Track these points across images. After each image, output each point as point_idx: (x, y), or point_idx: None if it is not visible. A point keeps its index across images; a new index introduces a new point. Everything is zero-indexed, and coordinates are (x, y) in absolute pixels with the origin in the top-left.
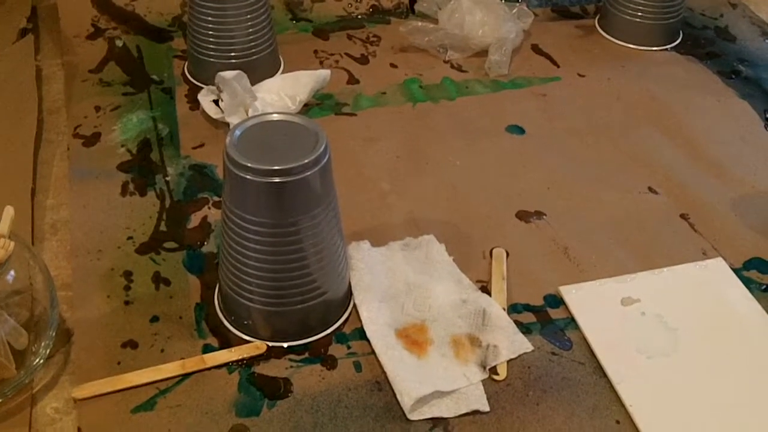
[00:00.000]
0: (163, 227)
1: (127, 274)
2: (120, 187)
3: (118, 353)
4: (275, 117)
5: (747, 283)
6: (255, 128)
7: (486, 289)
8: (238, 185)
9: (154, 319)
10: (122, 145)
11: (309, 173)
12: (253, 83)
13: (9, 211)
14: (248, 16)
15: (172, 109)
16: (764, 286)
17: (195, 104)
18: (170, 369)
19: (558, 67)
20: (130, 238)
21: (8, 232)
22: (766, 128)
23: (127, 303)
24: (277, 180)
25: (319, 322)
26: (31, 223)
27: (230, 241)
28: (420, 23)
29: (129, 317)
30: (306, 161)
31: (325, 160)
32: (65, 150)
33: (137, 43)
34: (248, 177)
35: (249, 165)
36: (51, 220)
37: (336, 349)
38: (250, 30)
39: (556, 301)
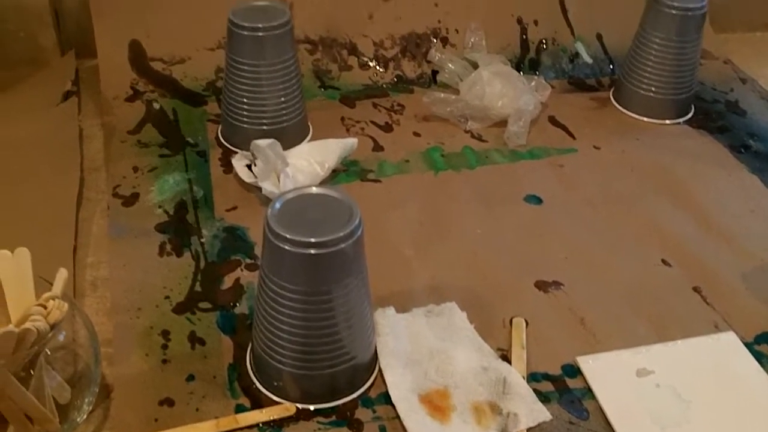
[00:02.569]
0: (198, 287)
1: (165, 333)
2: (158, 247)
3: (155, 410)
4: (313, 190)
5: (758, 357)
6: (294, 200)
7: (506, 357)
8: (276, 254)
9: (190, 377)
10: (159, 206)
11: (343, 245)
12: (283, 149)
13: (63, 273)
14: (281, 85)
15: (206, 171)
16: None
17: (228, 167)
18: (205, 428)
19: (574, 138)
20: (167, 297)
21: (62, 293)
22: None
23: (164, 361)
24: (313, 252)
25: (347, 385)
26: (73, 280)
27: (265, 305)
28: (442, 94)
29: (166, 375)
30: (341, 234)
31: (359, 233)
32: (105, 208)
33: (173, 106)
34: (286, 247)
35: (287, 236)
36: (91, 277)
37: (362, 413)
38: (282, 98)
39: (574, 370)
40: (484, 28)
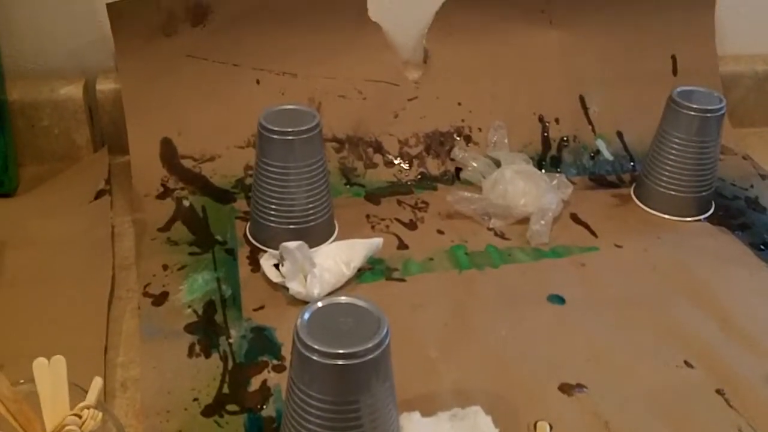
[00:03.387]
0: (225, 389)
1: None
2: (187, 348)
3: None
4: (342, 299)
5: None
6: (322, 310)
7: None
8: (305, 364)
9: None
10: (189, 306)
11: (371, 356)
12: (310, 247)
13: (98, 382)
14: (308, 186)
15: (234, 270)
16: None
17: (256, 266)
18: None
19: (596, 236)
20: (195, 399)
21: (96, 402)
22: None
23: None
24: (341, 362)
25: None
26: (104, 381)
27: (293, 413)
28: (466, 193)
29: None
30: (369, 345)
31: (387, 342)
32: (135, 307)
33: (203, 204)
34: (314, 358)
35: (316, 347)
36: (121, 377)
37: None
38: (310, 197)
39: None
40: (507, 126)
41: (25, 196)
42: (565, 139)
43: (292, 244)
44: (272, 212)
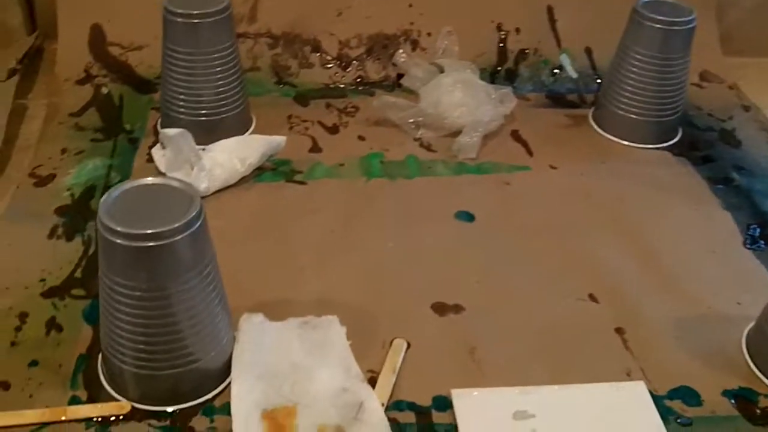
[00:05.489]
0: (78, 274)
1: (23, 316)
2: (49, 230)
3: None
4: (150, 181)
5: (666, 413)
6: (131, 192)
7: (374, 381)
8: (108, 248)
9: (34, 363)
10: (68, 189)
11: (178, 237)
12: (218, 141)
13: None
14: (217, 75)
15: (130, 159)
16: (684, 420)
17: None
18: (30, 416)
19: (531, 155)
20: (42, 280)
21: None
22: (744, 245)
23: (12, 344)
24: (144, 244)
25: (192, 390)
26: None
27: (104, 302)
28: (393, 99)
29: (10, 358)
30: (175, 225)
31: (197, 225)
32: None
33: (121, 93)
34: (117, 241)
35: (118, 229)
36: None
37: (199, 422)
38: (220, 89)
39: (446, 404)
40: (460, 33)
41: None
42: (524, 51)
43: (172, 131)
44: (181, 103)
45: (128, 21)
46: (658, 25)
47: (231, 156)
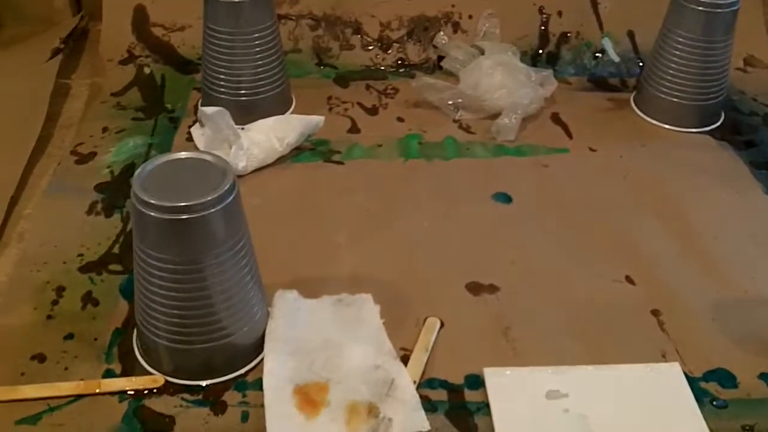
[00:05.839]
0: (116, 250)
1: (60, 290)
2: (88, 206)
3: (24, 364)
4: (183, 155)
5: (701, 395)
6: (165, 166)
7: (407, 358)
8: (142, 221)
9: (69, 336)
10: (108, 167)
11: (211, 211)
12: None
13: None
14: (258, 55)
15: (170, 138)
16: (720, 403)
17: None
18: (65, 388)
19: (571, 138)
20: (80, 255)
21: None
22: None
23: (49, 317)
24: (177, 217)
25: (225, 365)
26: (2, 229)
27: (138, 276)
28: (432, 80)
29: (46, 331)
30: (208, 199)
31: (230, 199)
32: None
33: (163, 73)
34: (150, 213)
35: (151, 202)
36: (21, 228)
37: (231, 396)
38: (259, 69)
39: (478, 382)
40: (502, 15)
41: None
42: (566, 34)
43: (210, 109)
44: (221, 83)
45: (171, 2)
46: (701, 8)
47: (269, 135)
